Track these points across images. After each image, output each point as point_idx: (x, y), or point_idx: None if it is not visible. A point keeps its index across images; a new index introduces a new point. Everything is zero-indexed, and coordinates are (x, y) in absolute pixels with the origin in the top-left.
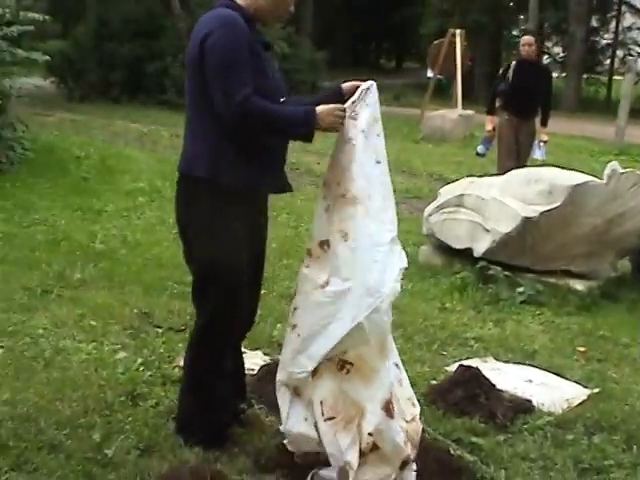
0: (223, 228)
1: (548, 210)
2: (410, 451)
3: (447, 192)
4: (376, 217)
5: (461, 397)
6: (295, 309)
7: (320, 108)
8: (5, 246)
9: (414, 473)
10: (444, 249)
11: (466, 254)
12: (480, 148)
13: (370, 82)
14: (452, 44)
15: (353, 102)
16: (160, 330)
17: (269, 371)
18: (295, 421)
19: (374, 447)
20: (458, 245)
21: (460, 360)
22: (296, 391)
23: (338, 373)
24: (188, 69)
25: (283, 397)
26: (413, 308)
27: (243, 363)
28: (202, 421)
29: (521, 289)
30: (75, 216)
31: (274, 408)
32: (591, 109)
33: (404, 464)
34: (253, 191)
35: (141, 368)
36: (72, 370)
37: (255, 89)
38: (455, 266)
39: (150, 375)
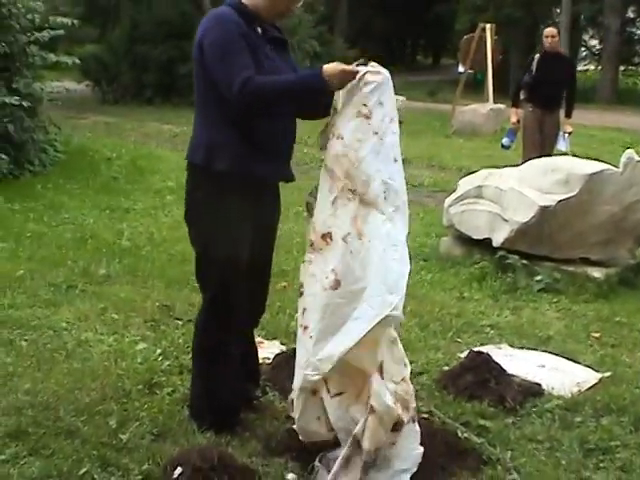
0: (218, 217)
1: (565, 199)
2: (401, 412)
3: (466, 183)
4: (392, 218)
5: (471, 382)
6: (305, 310)
7: (326, 65)
8: (33, 244)
9: (415, 433)
10: (464, 240)
11: (485, 244)
12: (505, 140)
13: (382, 75)
14: (482, 38)
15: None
16: (180, 322)
17: (284, 359)
18: (309, 419)
19: (371, 410)
20: (477, 235)
21: (474, 347)
22: (313, 392)
23: None
24: (194, 67)
25: (298, 399)
26: (431, 297)
27: (256, 351)
28: (211, 406)
29: (539, 277)
30: (103, 215)
31: (288, 395)
32: (628, 101)
33: (397, 425)
34: (249, 179)
35: (160, 358)
36: (92, 361)
37: None
38: (475, 256)
39: (168, 365)
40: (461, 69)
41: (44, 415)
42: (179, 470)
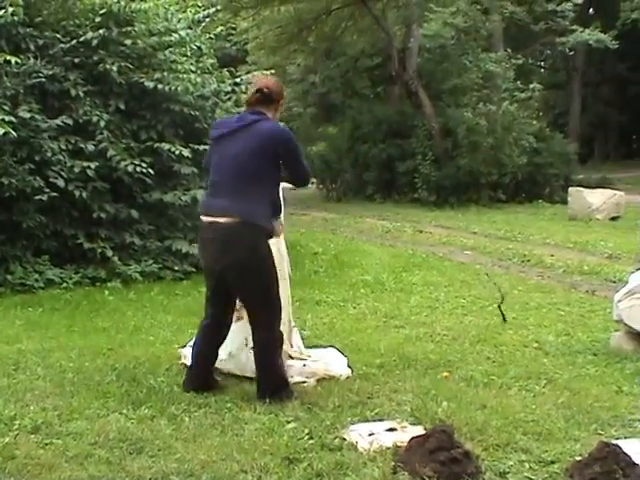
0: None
1: None
2: None
3: (636, 279)
4: None
5: (598, 472)
6: None
7: None
8: None
9: None
10: (634, 335)
11: None
12: None
13: None
14: None
15: None
16: (336, 404)
17: (417, 443)
18: None
19: None
20: None
21: (617, 440)
22: None
23: None
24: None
25: None
26: (586, 391)
27: None
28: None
29: None
30: (293, 307)
31: (416, 475)
32: None
33: None
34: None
35: (305, 437)
36: (243, 437)
37: None
38: None
39: (311, 443)
40: None
41: None
42: None
